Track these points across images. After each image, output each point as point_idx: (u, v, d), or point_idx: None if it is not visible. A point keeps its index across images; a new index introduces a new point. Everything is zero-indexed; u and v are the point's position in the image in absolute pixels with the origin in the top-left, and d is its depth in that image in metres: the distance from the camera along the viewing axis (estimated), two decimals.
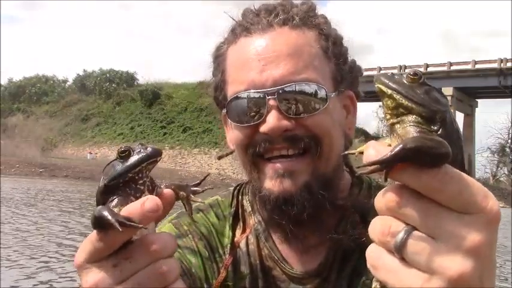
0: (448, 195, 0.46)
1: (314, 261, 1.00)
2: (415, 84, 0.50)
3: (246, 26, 0.98)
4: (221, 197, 1.12)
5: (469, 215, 0.46)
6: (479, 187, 0.47)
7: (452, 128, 0.49)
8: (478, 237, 0.45)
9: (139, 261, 0.55)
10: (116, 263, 0.55)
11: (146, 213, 0.54)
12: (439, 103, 0.49)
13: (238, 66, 0.98)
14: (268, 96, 0.91)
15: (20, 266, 6.63)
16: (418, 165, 0.46)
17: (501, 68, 43.20)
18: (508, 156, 55.73)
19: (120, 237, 0.54)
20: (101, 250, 0.55)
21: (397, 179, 0.48)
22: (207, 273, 1.00)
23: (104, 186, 0.56)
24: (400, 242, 0.47)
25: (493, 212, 0.46)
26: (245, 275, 1.01)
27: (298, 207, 0.92)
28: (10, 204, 14.01)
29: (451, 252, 0.46)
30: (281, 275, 1.01)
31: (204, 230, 1.05)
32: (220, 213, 1.08)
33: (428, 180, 0.46)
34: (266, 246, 1.02)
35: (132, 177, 0.56)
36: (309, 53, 0.95)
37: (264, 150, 0.93)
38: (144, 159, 0.57)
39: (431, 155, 0.45)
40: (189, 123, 47.81)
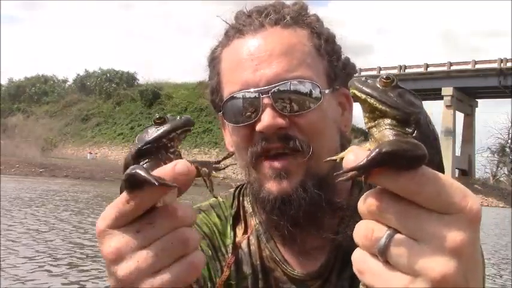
0: (426, 197, 0.47)
1: (315, 262, 1.00)
2: (388, 87, 0.50)
3: (239, 28, 0.99)
4: (222, 198, 1.12)
5: (449, 215, 0.46)
6: (458, 187, 0.47)
7: (427, 130, 0.50)
8: (459, 237, 0.46)
9: (163, 227, 0.56)
10: (139, 229, 0.56)
11: (177, 175, 0.54)
12: (413, 105, 0.50)
13: (232, 67, 0.98)
14: (262, 95, 0.92)
15: (48, 266, 6.61)
16: (395, 168, 0.47)
17: (501, 68, 43.24)
18: (508, 156, 55.74)
19: (151, 196, 0.54)
20: (127, 213, 0.55)
21: (376, 183, 0.48)
22: (211, 272, 1.01)
23: (137, 150, 0.57)
24: (382, 245, 0.48)
25: (473, 212, 0.47)
26: (247, 275, 1.02)
27: (295, 206, 0.92)
28: (19, 203, 14.01)
29: (433, 253, 0.46)
30: (282, 276, 1.01)
31: (207, 230, 1.05)
32: (221, 214, 1.09)
33: (406, 183, 0.47)
34: (267, 247, 1.03)
35: (165, 144, 0.58)
36: (302, 51, 0.96)
37: (261, 150, 0.94)
38: (179, 126, 0.59)
39: (407, 157, 0.46)
40: None
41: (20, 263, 6.65)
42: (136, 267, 0.54)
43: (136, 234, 0.55)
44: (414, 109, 0.49)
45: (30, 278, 5.99)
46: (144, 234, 0.55)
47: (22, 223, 10.16)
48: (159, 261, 0.55)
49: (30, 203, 14.30)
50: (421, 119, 0.49)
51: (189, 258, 0.56)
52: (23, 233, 8.91)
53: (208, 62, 1.07)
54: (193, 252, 0.57)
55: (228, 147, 1.09)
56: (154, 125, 0.58)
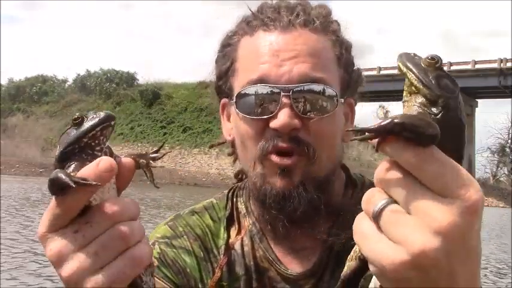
0: (428, 175, 0.48)
1: (308, 261, 1.01)
2: (431, 68, 0.51)
3: (265, 21, 0.99)
4: (216, 200, 1.13)
5: (446, 198, 0.47)
6: (463, 175, 0.48)
7: (453, 117, 0.50)
8: (448, 219, 0.46)
9: (100, 224, 0.56)
10: (77, 229, 0.56)
11: (101, 173, 0.55)
12: (446, 89, 0.50)
13: (253, 56, 0.98)
14: (283, 93, 0.92)
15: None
16: (404, 140, 0.48)
17: (501, 68, 43.22)
18: (508, 156, 55.74)
19: (77, 199, 0.55)
20: (60, 216, 0.56)
21: (385, 152, 0.50)
22: (202, 273, 1.01)
23: (60, 154, 0.57)
24: (377, 209, 0.50)
25: (470, 201, 0.47)
26: (240, 276, 1.02)
27: (295, 203, 0.93)
28: (31, 203, 14.00)
29: (420, 228, 0.47)
30: (276, 275, 1.01)
31: (199, 232, 1.06)
32: (215, 216, 1.09)
33: (411, 157, 0.48)
34: (261, 247, 1.03)
35: (87, 143, 0.57)
36: (326, 58, 0.97)
37: (273, 147, 0.94)
38: (98, 124, 0.57)
39: (416, 132, 0.47)
40: (189, 123, 47.84)
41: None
42: (78, 267, 0.55)
43: (74, 235, 0.56)
44: (445, 93, 0.50)
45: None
46: (82, 234, 0.56)
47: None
48: (100, 258, 0.55)
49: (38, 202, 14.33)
50: (450, 104, 0.50)
51: (131, 252, 0.56)
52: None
53: (221, 46, 1.06)
54: (135, 246, 0.57)
55: (226, 136, 1.09)
56: (73, 125, 0.58)
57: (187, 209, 1.12)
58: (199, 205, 1.12)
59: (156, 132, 49.21)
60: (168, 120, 49.43)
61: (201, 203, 1.13)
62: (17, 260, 7.03)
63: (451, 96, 0.50)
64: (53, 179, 0.54)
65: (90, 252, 0.55)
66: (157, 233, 1.05)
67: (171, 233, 1.05)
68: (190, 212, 1.10)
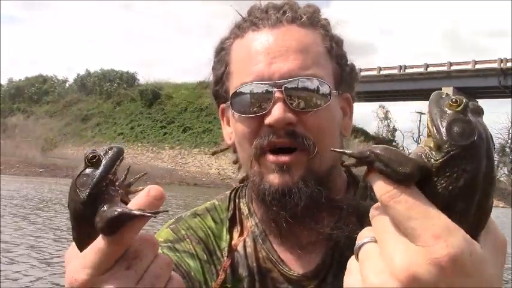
0: (395, 215, 0.46)
1: (311, 263, 1.00)
2: (452, 110, 0.48)
3: (254, 22, 1.00)
4: (218, 201, 1.12)
5: (413, 245, 0.45)
6: (441, 226, 0.44)
7: (460, 167, 0.45)
8: (409, 267, 0.44)
9: (148, 256, 0.56)
10: (128, 265, 0.55)
11: (153, 201, 0.55)
12: (454, 137, 0.46)
13: (245, 58, 0.99)
14: (275, 89, 0.93)
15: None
16: (380, 173, 0.47)
17: (501, 68, 43.25)
18: (508, 156, 55.80)
19: (135, 231, 0.54)
20: (112, 255, 0.54)
21: (368, 180, 0.49)
22: (206, 276, 1.01)
23: (88, 196, 0.55)
24: (357, 246, 0.50)
25: (437, 254, 0.43)
26: (243, 278, 1.02)
27: (295, 198, 0.93)
28: (47, 205, 14.01)
29: (381, 270, 0.46)
30: (279, 276, 1.01)
31: (202, 234, 1.05)
32: (217, 217, 1.09)
33: (381, 191, 0.47)
34: (263, 248, 1.03)
35: (110, 179, 0.57)
36: (316, 51, 0.98)
37: (268, 143, 0.94)
38: (117, 159, 0.58)
39: (389, 166, 0.46)
40: (189, 123, 47.88)
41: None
42: None
43: (127, 272, 0.55)
44: (453, 140, 0.46)
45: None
46: (134, 270, 0.55)
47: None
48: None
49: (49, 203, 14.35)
50: (455, 155, 0.45)
51: (174, 278, 0.58)
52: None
53: (216, 52, 1.08)
54: (173, 273, 0.59)
55: (227, 140, 1.09)
56: (90, 165, 0.57)
57: (189, 211, 1.11)
58: (201, 207, 1.12)
59: (156, 132, 49.24)
60: (168, 120, 49.47)
61: (203, 205, 1.12)
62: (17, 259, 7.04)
63: (459, 144, 0.45)
64: (117, 216, 0.52)
65: (147, 286, 0.55)
66: (160, 237, 1.05)
67: (174, 236, 1.04)
68: (192, 215, 1.09)
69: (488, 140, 0.47)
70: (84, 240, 0.56)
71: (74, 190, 0.56)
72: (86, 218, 0.55)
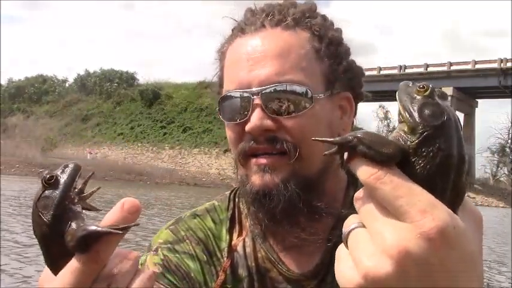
0: (382, 196, 0.47)
1: (310, 262, 1.01)
2: (420, 96, 0.51)
3: (242, 26, 1.01)
4: (218, 202, 1.12)
5: (401, 223, 0.46)
6: (424, 201, 0.46)
7: (432, 147, 0.49)
8: (398, 244, 0.45)
9: (129, 272, 0.55)
10: (108, 283, 0.54)
11: (127, 215, 0.54)
12: (426, 119, 0.49)
13: (231, 65, 1.00)
14: (253, 96, 0.93)
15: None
16: (363, 157, 0.49)
17: (501, 68, 43.27)
18: (508, 156, 55.78)
19: (111, 248, 0.53)
20: (89, 274, 0.53)
21: (350, 167, 0.50)
22: (206, 277, 1.01)
23: (53, 218, 0.54)
24: (346, 232, 0.51)
25: (425, 227, 0.45)
26: (243, 278, 1.02)
27: (274, 200, 0.93)
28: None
29: (372, 251, 0.47)
30: (278, 276, 1.01)
31: (201, 235, 1.05)
32: (216, 218, 1.09)
33: (366, 174, 0.48)
34: (262, 247, 1.03)
35: (72, 197, 0.56)
36: (298, 54, 0.96)
37: (249, 149, 0.95)
38: (75, 175, 0.57)
39: (372, 148, 0.48)
40: (189, 123, 47.90)
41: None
42: None
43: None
44: (425, 122, 0.49)
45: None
46: (115, 287, 0.54)
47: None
48: None
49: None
50: (428, 134, 0.49)
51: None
52: None
53: (217, 56, 1.08)
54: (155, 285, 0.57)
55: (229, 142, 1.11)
56: (48, 187, 0.55)
57: (189, 212, 1.11)
58: (201, 208, 1.12)
59: (156, 132, 49.27)
60: (168, 120, 49.48)
61: (203, 206, 1.12)
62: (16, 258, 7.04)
63: (431, 125, 0.49)
64: (84, 236, 0.51)
65: None
66: (160, 238, 1.05)
67: (173, 237, 1.04)
68: (191, 215, 1.09)
69: (456, 121, 0.50)
70: (57, 262, 0.55)
71: (36, 214, 0.55)
72: (55, 239, 0.54)
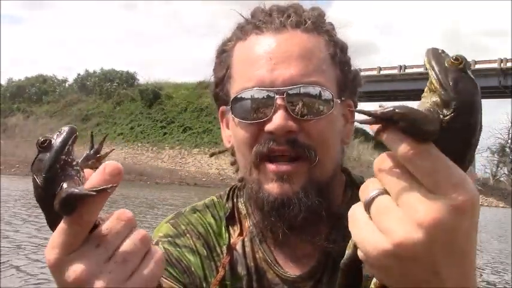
0: (420, 170, 0.48)
1: (307, 264, 1.01)
2: (453, 68, 0.50)
3: (257, 25, 0.99)
4: (217, 198, 1.12)
5: (435, 195, 0.48)
6: (457, 175, 0.48)
7: (464, 121, 0.49)
8: (432, 215, 0.47)
9: (120, 232, 0.56)
10: (98, 242, 0.55)
11: (108, 178, 0.54)
12: (461, 93, 0.49)
13: (247, 62, 0.97)
14: (277, 95, 0.91)
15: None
16: (402, 132, 0.49)
17: (501, 68, 43.21)
18: (508, 156, 55.73)
19: (95, 209, 0.54)
20: (76, 235, 0.54)
21: (382, 139, 0.50)
22: (206, 271, 1.01)
23: (44, 180, 0.55)
24: (369, 198, 0.52)
25: (458, 200, 0.47)
26: (242, 276, 1.02)
27: (295, 210, 0.92)
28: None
29: (404, 220, 0.48)
30: (275, 277, 1.01)
31: (202, 230, 1.05)
32: (216, 214, 1.09)
33: (405, 149, 0.48)
34: (260, 249, 1.03)
35: (65, 160, 0.56)
36: (319, 58, 0.96)
37: (268, 150, 0.93)
38: (68, 138, 0.57)
39: (414, 125, 0.48)
40: (189, 123, 47.81)
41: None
42: (111, 279, 0.54)
43: (97, 250, 0.54)
44: (459, 96, 0.49)
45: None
46: (105, 246, 0.55)
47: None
48: (130, 265, 0.55)
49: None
50: (462, 109, 0.49)
51: (153, 253, 0.58)
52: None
53: (217, 54, 1.06)
54: (152, 248, 0.58)
55: (225, 143, 1.09)
56: (42, 150, 0.56)
57: (188, 207, 1.11)
58: (201, 203, 1.12)
59: (156, 132, 49.19)
60: (168, 120, 49.40)
61: (202, 201, 1.12)
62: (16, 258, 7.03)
63: (465, 100, 0.49)
64: (66, 197, 0.52)
65: (119, 261, 0.55)
66: (160, 232, 1.05)
67: (174, 231, 1.04)
68: (191, 210, 1.09)
69: (480, 94, 0.51)
70: (54, 223, 0.56)
71: (32, 178, 0.56)
72: (48, 202, 0.55)
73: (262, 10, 1.02)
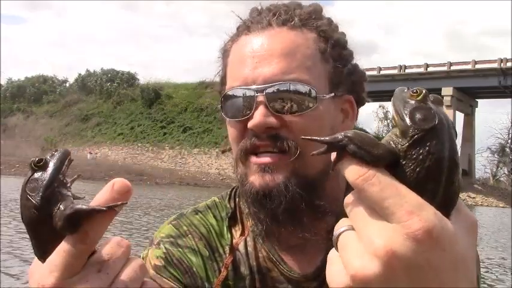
0: (370, 197, 0.48)
1: (312, 263, 1.01)
2: (413, 100, 0.51)
3: (248, 25, 1.01)
4: (218, 199, 1.13)
5: (389, 224, 0.47)
6: (412, 202, 0.47)
7: (424, 151, 0.48)
8: (388, 245, 0.45)
9: (120, 258, 0.55)
10: (100, 267, 0.53)
11: (116, 196, 0.53)
12: (416, 122, 0.49)
13: (235, 63, 1.00)
14: (257, 93, 0.93)
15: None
16: (352, 158, 0.49)
17: (501, 68, 43.25)
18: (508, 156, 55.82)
19: (103, 226, 0.52)
20: (79, 256, 0.52)
21: (340, 168, 0.50)
22: (208, 272, 1.01)
23: (41, 200, 0.53)
24: (336, 235, 0.52)
25: (412, 228, 0.45)
26: (245, 276, 1.02)
27: (275, 201, 0.93)
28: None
29: (361, 253, 0.47)
30: (279, 276, 1.01)
31: (204, 231, 1.06)
32: (218, 215, 1.09)
33: (354, 175, 0.48)
34: (264, 247, 1.03)
35: (61, 180, 0.55)
36: (304, 54, 0.96)
37: (250, 146, 0.95)
38: (65, 158, 0.57)
39: (362, 148, 0.48)
40: (189, 123, 47.89)
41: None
42: None
43: (99, 275, 0.52)
44: (416, 126, 0.49)
45: None
46: (106, 272, 0.53)
47: None
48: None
49: None
50: (418, 138, 0.49)
51: (148, 283, 0.57)
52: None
53: (220, 54, 1.09)
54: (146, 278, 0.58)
55: (230, 141, 1.10)
56: (37, 169, 0.55)
57: (190, 208, 1.12)
58: (202, 204, 1.13)
59: (156, 132, 49.25)
60: (168, 120, 49.47)
61: (204, 202, 1.13)
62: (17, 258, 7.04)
63: (421, 129, 0.49)
64: (73, 213, 0.51)
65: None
66: (162, 233, 1.06)
67: (176, 232, 1.05)
68: (193, 211, 1.10)
69: (449, 126, 0.50)
70: (45, 248, 0.54)
71: (25, 198, 0.54)
72: (43, 223, 0.53)
73: (256, 9, 1.04)
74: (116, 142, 50.31)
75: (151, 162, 44.59)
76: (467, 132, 49.84)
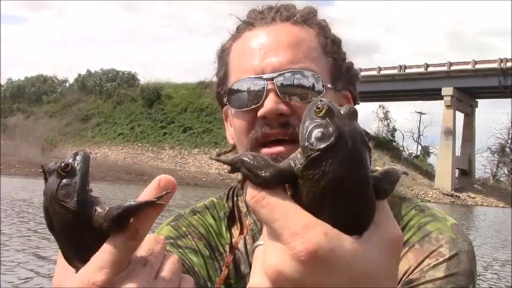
0: (262, 219, 0.49)
1: None
2: (316, 116, 0.49)
3: (250, 22, 1.04)
4: (216, 199, 1.14)
5: (279, 245, 0.47)
6: (298, 224, 0.46)
7: (320, 170, 0.47)
8: (275, 265, 0.47)
9: (160, 253, 0.57)
10: (145, 262, 0.55)
11: (163, 192, 0.54)
12: (311, 142, 0.47)
13: (241, 56, 1.02)
14: (267, 82, 0.95)
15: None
16: (246, 178, 0.49)
17: (501, 68, 43.27)
18: (508, 156, 55.88)
19: (150, 220, 0.54)
20: (129, 250, 0.53)
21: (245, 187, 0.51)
22: (210, 272, 1.02)
23: (77, 203, 0.53)
24: (253, 249, 0.54)
25: (295, 250, 0.45)
26: (245, 274, 1.03)
27: None
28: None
29: (258, 271, 0.49)
30: None
31: (203, 231, 1.06)
32: (216, 214, 1.10)
33: (248, 196, 0.49)
34: None
35: (88, 183, 0.56)
36: (308, 46, 1.00)
37: (262, 135, 0.96)
38: (88, 160, 0.57)
39: (251, 171, 0.48)
40: (189, 123, 47.92)
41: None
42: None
43: (145, 268, 0.54)
44: (311, 146, 0.47)
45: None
46: (151, 266, 0.55)
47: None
48: (174, 285, 0.56)
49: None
50: (313, 158, 0.47)
51: (186, 275, 0.60)
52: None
53: (217, 56, 1.10)
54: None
55: (229, 140, 1.10)
56: (64, 175, 0.55)
57: (188, 209, 1.12)
58: (200, 204, 1.13)
59: (156, 132, 49.28)
60: (168, 120, 49.49)
61: (202, 202, 1.13)
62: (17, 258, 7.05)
63: (316, 148, 0.47)
64: (123, 211, 0.51)
65: (167, 279, 0.55)
66: (160, 234, 1.05)
67: (175, 233, 1.05)
68: (191, 212, 1.11)
69: (354, 141, 0.47)
70: (86, 251, 0.54)
71: (58, 205, 0.53)
72: (82, 227, 0.53)
73: (255, 10, 1.07)
74: (116, 142, 50.32)
75: (152, 162, 44.62)
76: (467, 132, 49.88)
